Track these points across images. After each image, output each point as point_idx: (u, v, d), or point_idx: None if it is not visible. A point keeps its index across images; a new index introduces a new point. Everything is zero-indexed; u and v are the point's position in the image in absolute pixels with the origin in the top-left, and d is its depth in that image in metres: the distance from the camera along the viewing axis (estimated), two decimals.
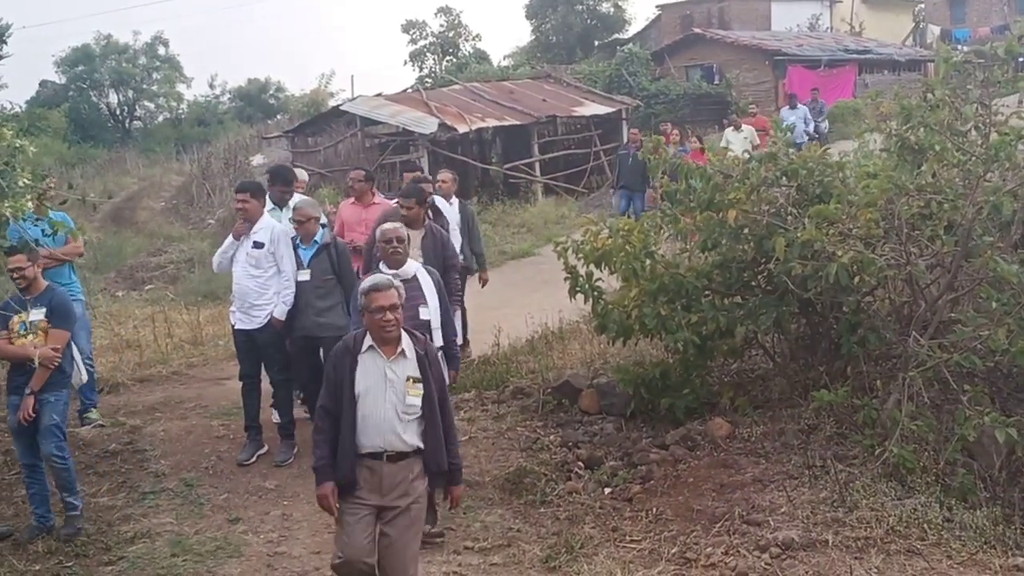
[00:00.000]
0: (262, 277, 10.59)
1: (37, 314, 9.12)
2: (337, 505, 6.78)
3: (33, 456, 9.18)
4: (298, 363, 10.77)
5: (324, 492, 6.74)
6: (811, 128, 25.15)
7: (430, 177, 12.87)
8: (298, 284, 10.41)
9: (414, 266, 9.10)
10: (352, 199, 13.07)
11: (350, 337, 7.00)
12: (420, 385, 6.84)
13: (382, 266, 8.88)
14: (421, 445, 6.87)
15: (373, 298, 6.74)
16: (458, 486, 7.22)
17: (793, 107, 25.34)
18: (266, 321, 10.55)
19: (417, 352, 6.93)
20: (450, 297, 9.97)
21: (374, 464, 6.79)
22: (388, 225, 8.99)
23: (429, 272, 9.18)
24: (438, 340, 8.76)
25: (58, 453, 9.09)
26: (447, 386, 7.38)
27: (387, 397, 6.76)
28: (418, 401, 6.82)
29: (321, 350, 10.19)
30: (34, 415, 8.97)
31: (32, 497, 9.27)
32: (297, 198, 11.70)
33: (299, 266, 10.44)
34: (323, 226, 10.74)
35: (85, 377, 10.15)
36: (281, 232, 10.68)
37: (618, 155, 23.44)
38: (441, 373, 7.28)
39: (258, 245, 10.55)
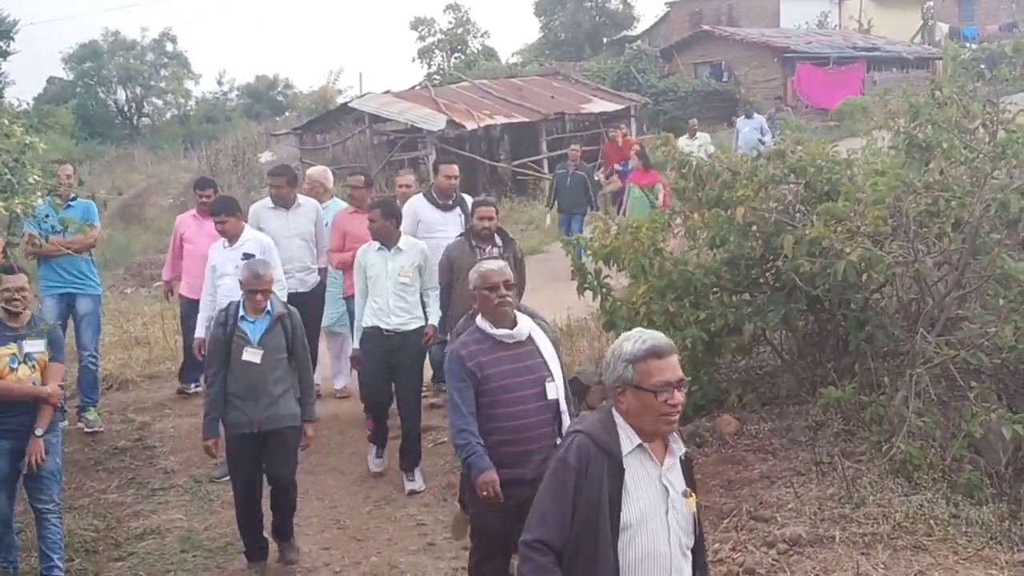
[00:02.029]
0: None
1: (36, 345, 8.20)
2: None
3: (10, 508, 8.34)
4: (237, 469, 8.61)
5: None
6: (768, 139, 23.36)
7: (493, 201, 11.05)
8: (243, 366, 8.32)
9: (527, 323, 6.70)
10: (352, 208, 11.68)
11: (594, 428, 4.45)
12: (694, 501, 4.65)
13: (482, 323, 6.69)
14: None
15: (654, 368, 4.37)
16: None
17: (749, 116, 24.57)
18: None
19: (680, 450, 4.64)
20: None
21: None
22: (490, 265, 6.75)
23: (544, 328, 6.84)
24: None
25: (58, 500, 8.45)
26: None
27: (670, 526, 4.50)
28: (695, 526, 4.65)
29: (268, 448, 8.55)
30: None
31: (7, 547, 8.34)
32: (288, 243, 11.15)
33: (244, 343, 8.34)
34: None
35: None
36: (269, 241, 10.52)
37: (556, 174, 21.21)
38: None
39: (247, 256, 9.99)
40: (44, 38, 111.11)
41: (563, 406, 6.65)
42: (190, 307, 11.79)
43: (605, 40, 60.16)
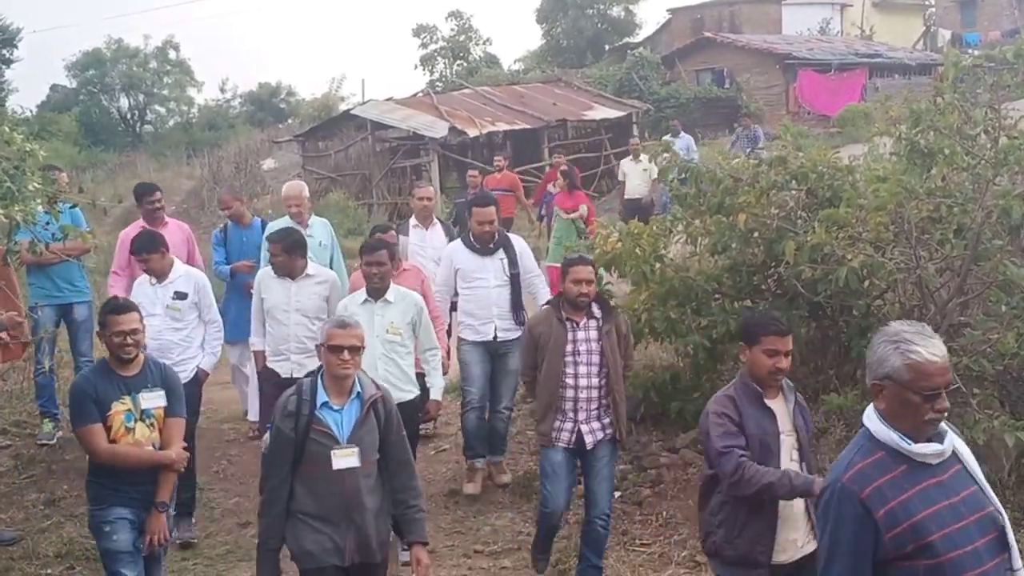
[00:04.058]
0: (185, 329, 9.22)
1: (154, 399, 6.78)
2: None
3: None
4: None
5: None
6: (696, 159, 21.32)
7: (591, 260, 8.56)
8: (330, 476, 6.07)
9: (948, 431, 4.34)
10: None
11: None
12: None
13: (886, 434, 4.13)
14: None
15: None
16: None
17: (676, 135, 23.96)
18: (193, 375, 9.10)
19: None
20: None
21: None
22: (931, 351, 4.15)
23: (955, 432, 4.41)
24: None
25: None
26: None
27: None
28: None
29: None
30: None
31: None
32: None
33: (330, 442, 6.08)
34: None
35: None
36: (204, 278, 9.50)
37: (455, 203, 18.57)
38: None
39: (180, 295, 9.15)
40: (47, 46, 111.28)
41: (1017, 562, 4.20)
42: None
43: (607, 47, 60.05)
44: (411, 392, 8.56)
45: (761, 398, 5.92)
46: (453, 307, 10.33)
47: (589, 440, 7.77)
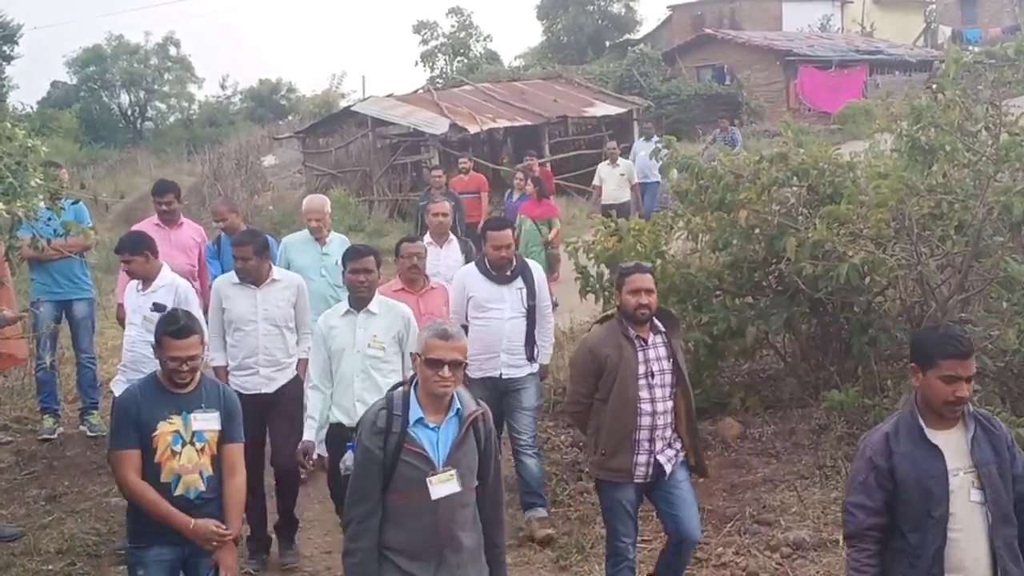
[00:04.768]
0: None
1: (207, 420, 6.03)
2: None
3: None
4: None
5: None
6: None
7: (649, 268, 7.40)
8: (423, 505, 5.20)
9: None
10: (399, 284, 8.94)
11: None
12: None
13: None
14: None
15: None
16: None
17: (648, 138, 23.29)
18: None
19: None
20: None
21: None
22: None
23: None
24: None
25: None
26: None
27: None
28: None
29: None
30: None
31: None
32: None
33: (424, 465, 5.20)
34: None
35: None
36: (187, 289, 8.79)
37: (417, 206, 17.38)
38: None
39: (158, 308, 8.26)
40: (48, 42, 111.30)
41: None
42: None
43: (607, 43, 59.96)
44: None
45: (922, 433, 4.86)
46: None
47: (668, 468, 6.92)
